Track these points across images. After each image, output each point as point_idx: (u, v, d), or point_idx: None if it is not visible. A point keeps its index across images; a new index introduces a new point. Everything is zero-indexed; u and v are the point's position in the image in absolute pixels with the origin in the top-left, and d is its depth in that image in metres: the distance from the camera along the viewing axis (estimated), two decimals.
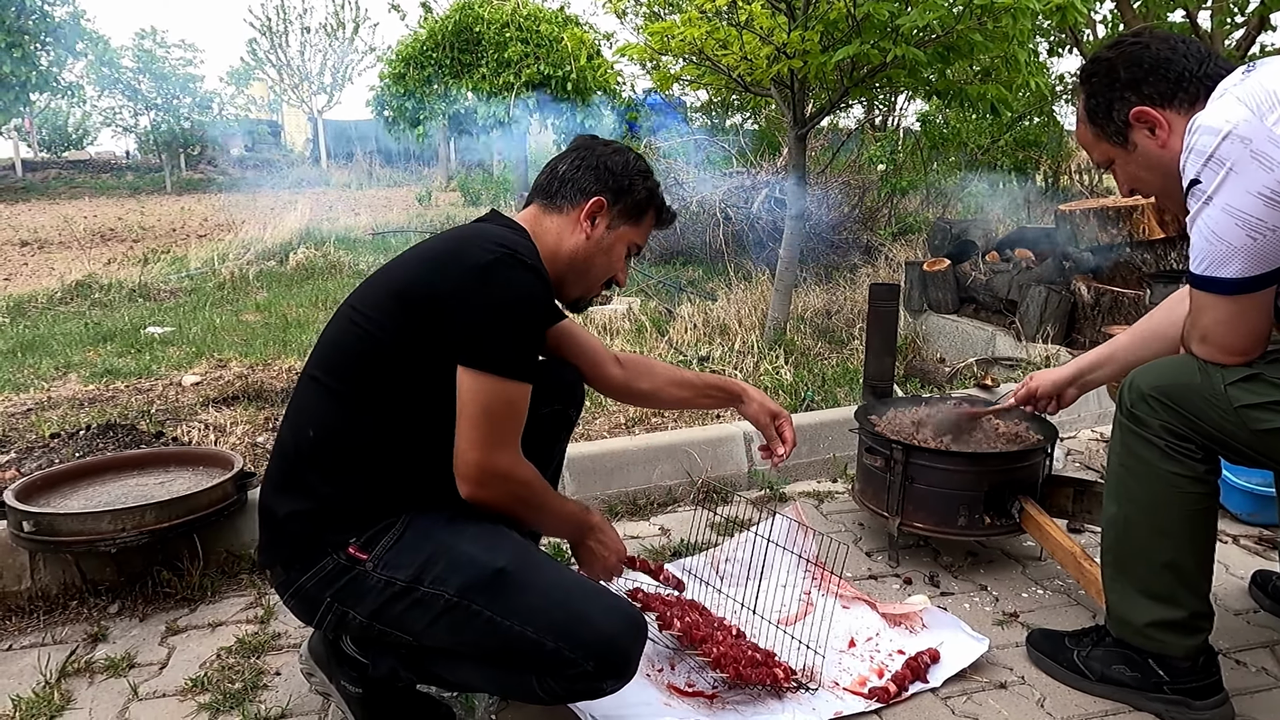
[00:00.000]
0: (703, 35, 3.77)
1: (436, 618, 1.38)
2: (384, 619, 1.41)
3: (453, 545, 1.40)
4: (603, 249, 1.58)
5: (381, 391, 1.42)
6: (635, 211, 1.60)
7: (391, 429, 1.43)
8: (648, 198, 1.61)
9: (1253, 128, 1.34)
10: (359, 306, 1.47)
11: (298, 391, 1.53)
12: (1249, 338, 1.47)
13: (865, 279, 5.60)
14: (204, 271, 7.30)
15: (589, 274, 1.60)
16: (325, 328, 1.54)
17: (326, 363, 1.48)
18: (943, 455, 2.22)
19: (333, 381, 1.45)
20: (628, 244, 1.62)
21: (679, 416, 3.19)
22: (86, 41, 13.56)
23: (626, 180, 1.58)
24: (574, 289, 1.62)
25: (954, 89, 3.87)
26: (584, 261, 1.58)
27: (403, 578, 1.39)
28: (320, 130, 22.20)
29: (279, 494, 1.47)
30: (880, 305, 3.12)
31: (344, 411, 1.44)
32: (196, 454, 2.43)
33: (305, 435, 1.45)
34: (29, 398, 3.54)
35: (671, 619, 1.78)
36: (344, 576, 1.41)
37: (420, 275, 1.43)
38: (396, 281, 1.46)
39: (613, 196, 1.57)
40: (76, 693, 1.76)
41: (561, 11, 9.97)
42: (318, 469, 1.44)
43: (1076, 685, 1.75)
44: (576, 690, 1.39)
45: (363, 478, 1.44)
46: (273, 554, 1.50)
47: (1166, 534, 1.60)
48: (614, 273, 1.63)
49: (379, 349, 1.41)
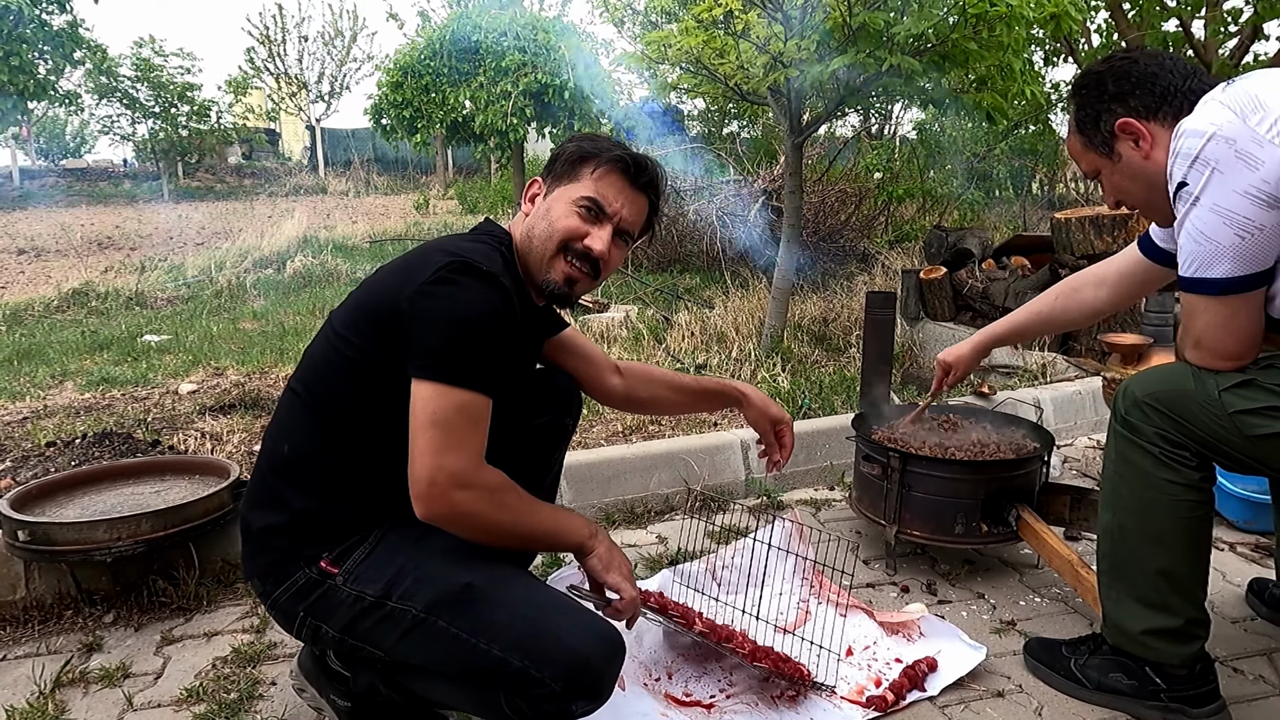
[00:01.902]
0: (699, 44, 3.79)
1: (405, 634, 1.35)
2: (355, 634, 1.40)
3: (422, 560, 1.38)
4: (539, 216, 1.49)
5: (354, 407, 1.41)
6: (567, 168, 1.49)
7: (365, 444, 1.42)
8: (577, 152, 1.49)
9: (1236, 128, 1.36)
10: (335, 322, 1.46)
11: (280, 405, 1.53)
12: (1242, 341, 1.48)
13: (862, 287, 5.61)
14: (201, 279, 7.30)
15: (533, 247, 1.48)
16: (311, 342, 1.54)
17: (305, 378, 1.47)
18: (940, 463, 2.22)
19: (309, 397, 1.44)
20: (571, 201, 1.47)
21: (676, 424, 3.19)
22: (85, 50, 13.55)
23: (559, 153, 1.52)
24: (535, 270, 1.49)
25: (950, 97, 3.89)
26: (526, 239, 1.49)
27: (372, 592, 1.37)
28: (318, 138, 22.22)
29: (255, 508, 1.47)
30: (877, 313, 3.12)
31: (319, 427, 1.43)
32: (192, 463, 2.42)
33: (281, 450, 1.45)
34: (25, 406, 3.54)
35: (694, 619, 1.78)
36: (316, 590, 1.40)
37: (383, 290, 1.40)
38: (367, 297, 1.43)
39: (545, 171, 1.54)
40: (71, 703, 1.75)
41: (559, 20, 10.01)
42: (292, 483, 1.43)
43: (1074, 694, 1.75)
44: (544, 711, 1.31)
45: (336, 493, 1.43)
46: (251, 566, 1.49)
47: (1161, 541, 1.60)
48: (561, 234, 1.46)
49: (350, 365, 1.40)
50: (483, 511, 1.33)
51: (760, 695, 1.73)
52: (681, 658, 1.85)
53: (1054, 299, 2.07)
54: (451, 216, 12.54)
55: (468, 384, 1.31)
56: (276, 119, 24.05)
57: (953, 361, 2.23)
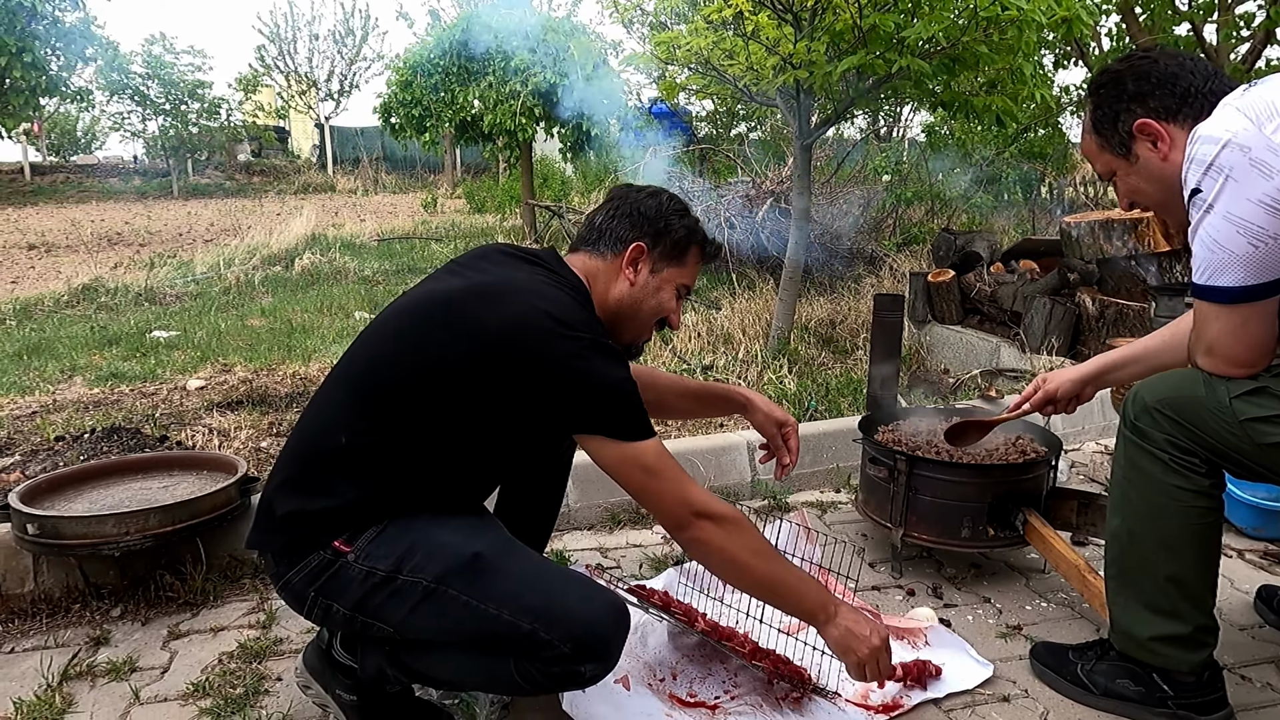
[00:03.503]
0: (709, 45, 3.79)
1: (415, 606, 1.39)
2: (366, 610, 1.42)
3: (433, 534, 1.42)
4: (649, 292, 1.59)
5: (431, 416, 1.42)
6: (676, 251, 1.60)
7: (421, 446, 1.44)
8: (687, 235, 1.60)
9: (1251, 136, 1.35)
10: (411, 329, 1.46)
11: (329, 392, 1.52)
12: (1254, 348, 1.47)
13: (870, 289, 5.60)
14: (210, 276, 7.33)
15: (638, 319, 1.60)
16: (364, 335, 1.53)
17: (375, 377, 1.46)
18: (947, 467, 2.22)
19: (379, 395, 1.44)
20: (676, 285, 1.61)
21: (682, 426, 3.19)
22: (96, 47, 13.61)
23: (663, 222, 1.58)
24: (625, 335, 1.61)
25: (959, 100, 3.88)
26: (631, 307, 1.58)
27: (383, 568, 1.40)
28: (327, 136, 22.27)
29: (288, 491, 1.46)
30: (885, 315, 3.12)
31: (384, 428, 1.43)
32: (200, 458, 2.43)
33: (336, 440, 1.44)
34: (34, 400, 3.56)
35: (696, 619, 1.78)
36: (328, 571, 1.42)
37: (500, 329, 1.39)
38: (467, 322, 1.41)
39: (652, 240, 1.58)
40: (78, 696, 1.76)
41: (569, 20, 10.01)
42: (348, 475, 1.43)
43: (1080, 699, 1.74)
44: (553, 674, 1.36)
45: (379, 488, 1.44)
46: (264, 542, 1.51)
47: (1169, 548, 1.59)
48: (665, 314, 1.62)
49: (442, 381, 1.41)
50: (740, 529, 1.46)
51: (764, 697, 1.73)
52: (686, 658, 1.85)
53: (1176, 328, 1.83)
54: (459, 215, 12.55)
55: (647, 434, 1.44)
56: (286, 117, 24.14)
57: (1050, 379, 2.01)
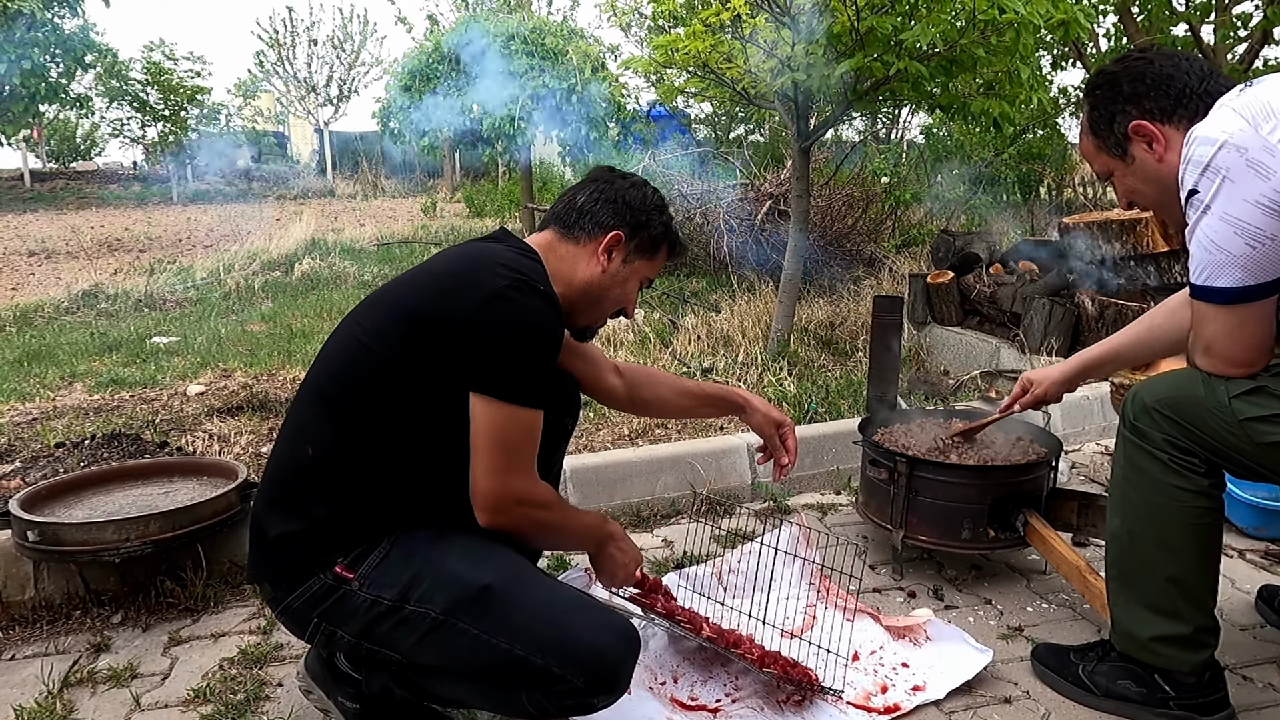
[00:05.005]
0: (707, 49, 3.80)
1: (424, 636, 1.37)
2: (372, 638, 1.40)
3: (439, 562, 1.39)
4: (617, 282, 1.60)
5: (387, 413, 1.41)
6: (650, 246, 1.62)
7: (393, 450, 1.43)
8: (663, 233, 1.63)
9: (1248, 137, 1.36)
10: (366, 325, 1.46)
11: (297, 407, 1.52)
12: (1252, 349, 1.47)
13: (869, 291, 5.60)
14: (209, 282, 7.33)
15: (601, 305, 1.62)
16: (327, 342, 1.54)
17: (331, 381, 1.46)
18: (947, 468, 2.22)
19: (337, 401, 1.44)
20: (640, 278, 1.64)
21: (682, 428, 3.19)
22: (95, 54, 13.63)
23: (644, 216, 1.60)
24: (583, 318, 1.64)
25: (957, 103, 3.88)
26: (598, 293, 1.59)
27: (389, 597, 1.38)
28: (326, 142, 22.28)
29: (272, 512, 1.45)
30: (884, 317, 3.12)
31: (346, 432, 1.43)
32: (201, 464, 2.43)
33: (304, 453, 1.44)
34: (34, 407, 3.56)
35: (701, 624, 1.78)
36: (331, 596, 1.40)
37: (431, 298, 1.42)
38: (406, 302, 1.44)
39: (630, 231, 1.59)
40: (79, 703, 1.76)
41: (566, 24, 10.03)
42: (316, 488, 1.43)
43: (1082, 700, 1.74)
44: (566, 706, 1.36)
45: (360, 499, 1.43)
46: (261, 571, 1.49)
47: (1169, 548, 1.60)
48: (625, 304, 1.66)
49: (387, 371, 1.41)
50: (540, 520, 1.48)
51: (766, 700, 1.73)
52: (687, 662, 1.85)
53: (1151, 321, 1.90)
54: (459, 220, 12.55)
55: (531, 403, 1.39)
56: (285, 122, 24.15)
57: (1037, 380, 2.07)
